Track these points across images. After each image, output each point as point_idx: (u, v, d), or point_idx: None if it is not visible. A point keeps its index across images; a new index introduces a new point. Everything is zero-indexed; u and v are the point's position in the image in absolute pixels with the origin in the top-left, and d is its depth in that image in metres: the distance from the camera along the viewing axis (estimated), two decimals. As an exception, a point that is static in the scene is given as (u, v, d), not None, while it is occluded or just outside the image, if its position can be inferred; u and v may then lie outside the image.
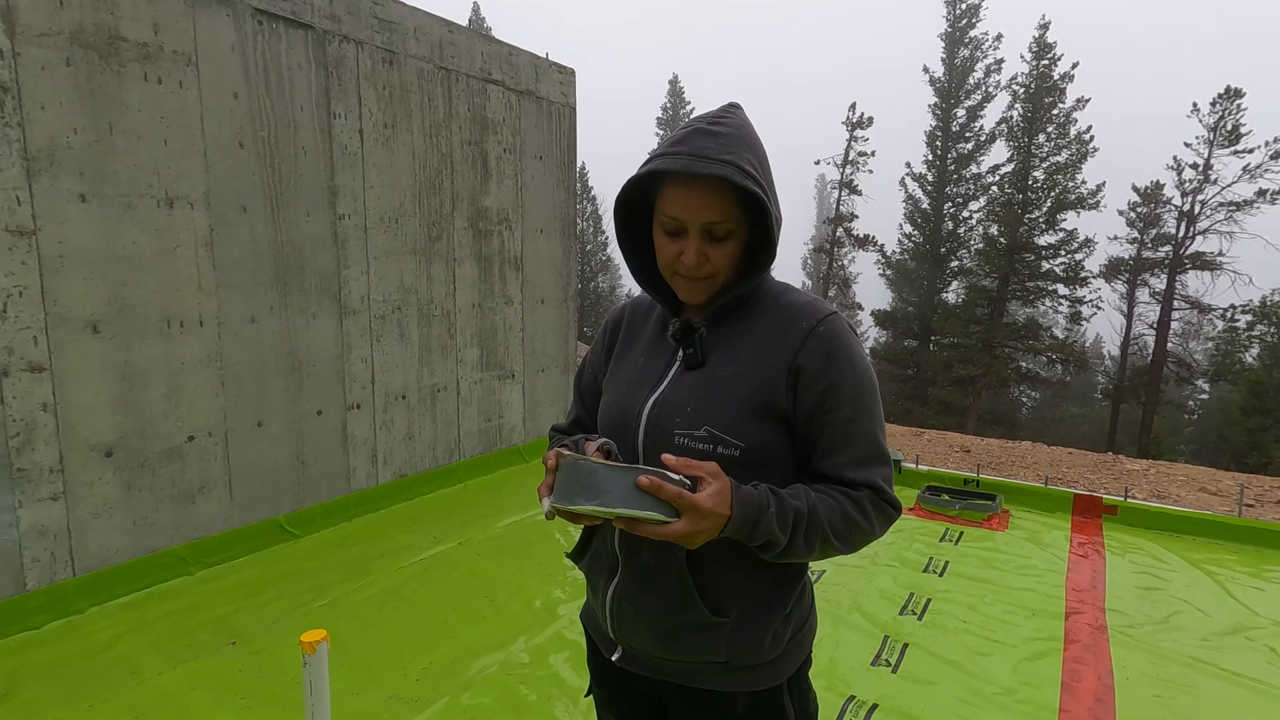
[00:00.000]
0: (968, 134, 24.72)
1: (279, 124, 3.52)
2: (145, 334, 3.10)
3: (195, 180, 3.21)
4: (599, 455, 1.00)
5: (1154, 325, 21.41)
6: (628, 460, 1.05)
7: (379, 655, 2.64)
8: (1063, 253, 21.96)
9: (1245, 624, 2.96)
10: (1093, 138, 21.25)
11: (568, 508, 0.87)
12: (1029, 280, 22.32)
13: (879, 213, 26.78)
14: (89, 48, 2.83)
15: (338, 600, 3.06)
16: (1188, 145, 20.33)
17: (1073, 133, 21.53)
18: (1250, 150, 19.40)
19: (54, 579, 2.89)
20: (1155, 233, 21.30)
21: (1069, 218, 21.83)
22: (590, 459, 0.87)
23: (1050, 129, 21.73)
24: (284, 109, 3.53)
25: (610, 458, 1.02)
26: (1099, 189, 21.18)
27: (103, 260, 2.94)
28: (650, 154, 0.98)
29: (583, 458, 0.87)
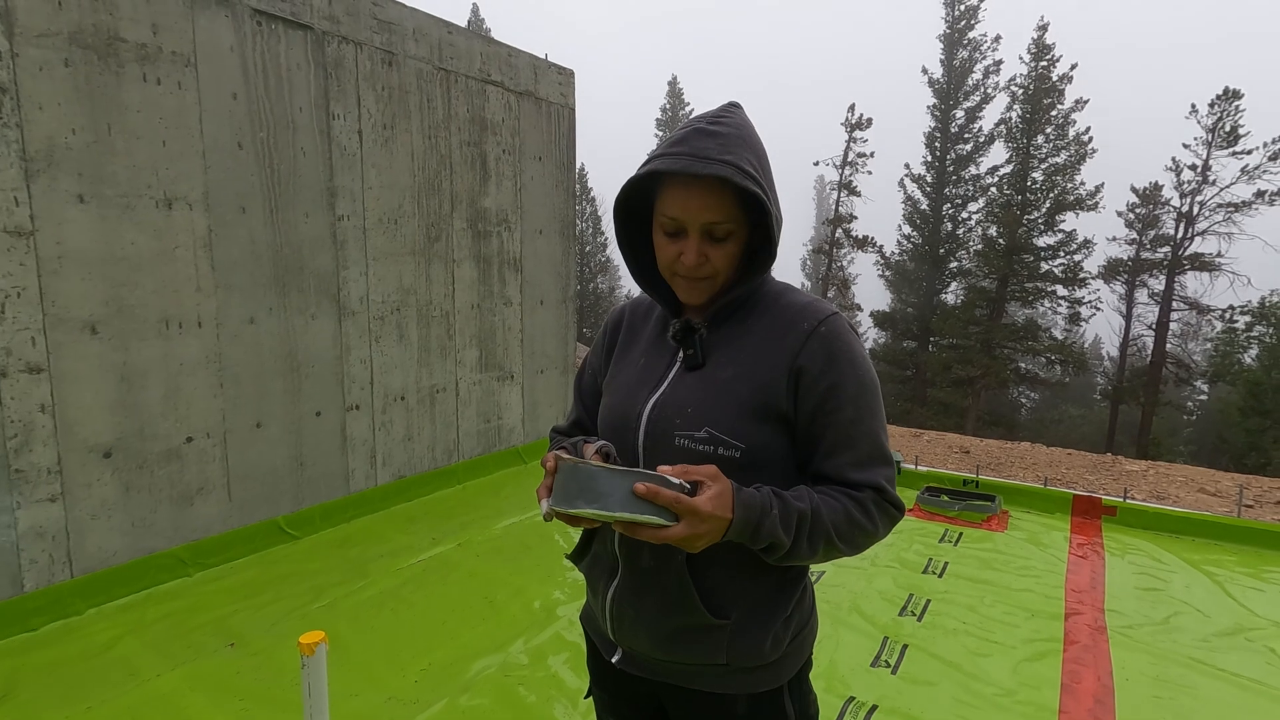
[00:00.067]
0: (966, 135, 24.74)
1: (278, 125, 3.51)
2: (144, 335, 3.09)
3: (194, 181, 3.21)
4: (597, 458, 1.00)
5: (1153, 326, 21.44)
6: (627, 462, 1.05)
7: (378, 657, 2.64)
8: (1061, 254, 22.00)
9: (1244, 624, 2.96)
10: (1091, 139, 21.30)
11: (567, 511, 0.86)
12: (1028, 281, 22.35)
13: (878, 214, 26.81)
14: (88, 48, 2.82)
15: (336, 602, 3.06)
16: (1186, 146, 20.37)
17: (1071, 134, 21.57)
18: (1248, 151, 19.44)
19: (52, 580, 2.89)
20: (1154, 234, 21.34)
21: (1068, 219, 21.89)
22: (589, 462, 0.86)
23: (1049, 130, 21.77)
24: (283, 110, 3.53)
25: (609, 460, 1.01)
26: (1098, 190, 21.21)
27: (101, 261, 2.94)
28: (650, 154, 0.98)
29: (583, 461, 0.87)
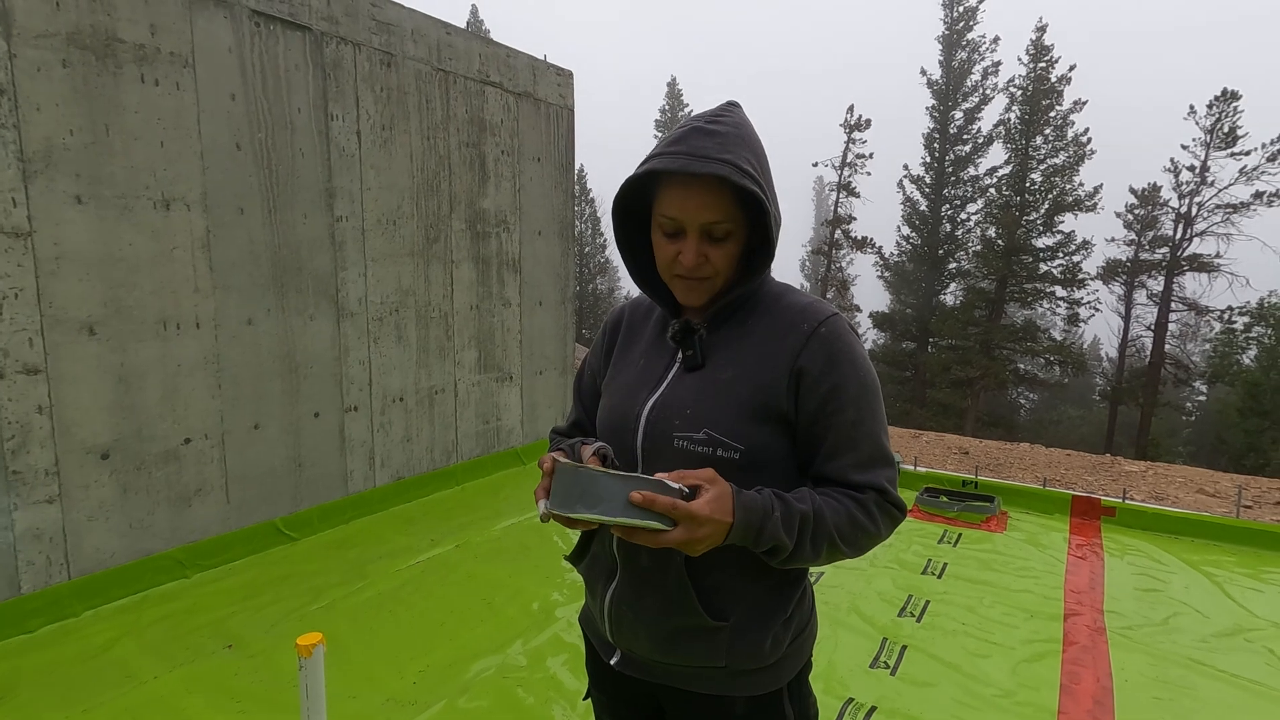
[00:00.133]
0: (965, 136, 24.78)
1: (276, 126, 3.51)
2: (142, 336, 3.09)
3: (192, 182, 3.20)
4: (595, 460, 0.99)
5: (1152, 327, 21.47)
6: (626, 463, 1.04)
7: (376, 658, 2.63)
8: (1060, 255, 22.04)
9: (1244, 625, 2.96)
10: (1090, 140, 21.33)
11: (566, 514, 0.86)
12: (1027, 282, 22.38)
13: (877, 215, 26.84)
14: (86, 49, 2.82)
15: (335, 603, 3.05)
16: (1185, 148, 20.41)
17: (1070, 135, 21.61)
18: (1247, 152, 19.48)
19: (49, 582, 2.88)
20: (1153, 235, 21.37)
21: (1067, 220, 21.93)
22: (589, 466, 0.86)
23: (1048, 131, 21.80)
24: (281, 111, 3.52)
25: (606, 462, 1.01)
26: (1096, 191, 21.25)
27: (99, 262, 2.93)
28: (648, 154, 0.98)
29: (583, 465, 0.86)
